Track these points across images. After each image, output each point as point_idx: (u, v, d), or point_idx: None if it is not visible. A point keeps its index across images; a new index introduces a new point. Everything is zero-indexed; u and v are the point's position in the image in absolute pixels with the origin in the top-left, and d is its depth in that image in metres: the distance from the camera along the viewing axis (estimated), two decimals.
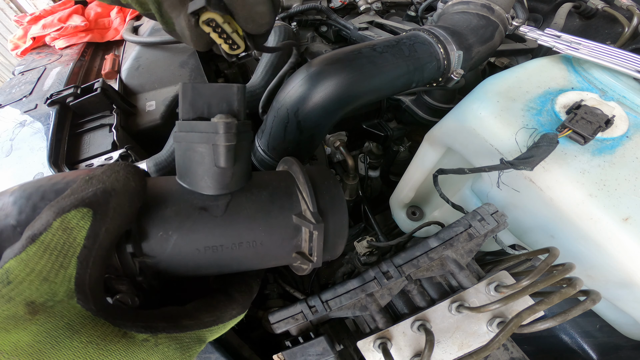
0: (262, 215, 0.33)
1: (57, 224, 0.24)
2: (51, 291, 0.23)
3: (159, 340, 0.26)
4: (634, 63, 0.49)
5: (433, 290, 0.43)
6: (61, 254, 0.24)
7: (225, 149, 0.30)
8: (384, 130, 0.88)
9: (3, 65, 4.43)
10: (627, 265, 0.40)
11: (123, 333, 0.25)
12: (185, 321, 0.29)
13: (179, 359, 0.27)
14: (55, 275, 0.23)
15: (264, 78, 0.76)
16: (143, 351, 0.25)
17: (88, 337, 0.23)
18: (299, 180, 0.36)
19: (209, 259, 0.32)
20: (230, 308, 0.33)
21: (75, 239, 0.24)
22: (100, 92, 0.68)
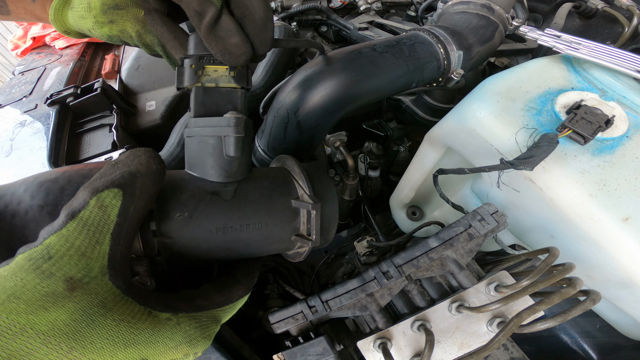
0: (265, 199, 0.37)
1: (94, 202, 0.26)
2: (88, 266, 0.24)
3: (180, 319, 0.28)
4: (634, 63, 0.49)
5: (433, 290, 0.43)
6: (97, 229, 0.25)
7: (235, 140, 0.35)
8: (384, 130, 0.88)
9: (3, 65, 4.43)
10: (627, 265, 0.40)
11: (148, 312, 0.26)
12: (199, 301, 0.31)
13: (200, 337, 0.29)
14: (92, 251, 0.25)
15: (264, 78, 0.76)
16: (167, 329, 0.27)
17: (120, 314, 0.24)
18: (295, 171, 0.41)
19: (219, 240, 0.35)
20: (236, 289, 0.35)
21: (109, 216, 0.26)
22: (100, 92, 0.68)
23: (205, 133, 0.35)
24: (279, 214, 0.38)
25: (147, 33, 0.39)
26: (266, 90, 0.74)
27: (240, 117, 0.35)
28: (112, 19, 0.38)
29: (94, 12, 0.38)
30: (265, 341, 0.69)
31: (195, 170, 0.37)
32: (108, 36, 0.40)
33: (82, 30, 0.41)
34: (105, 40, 0.41)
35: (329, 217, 0.41)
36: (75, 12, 0.40)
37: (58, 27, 0.42)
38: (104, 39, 0.41)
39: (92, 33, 0.40)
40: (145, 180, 0.29)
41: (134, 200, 0.28)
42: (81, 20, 0.40)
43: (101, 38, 0.41)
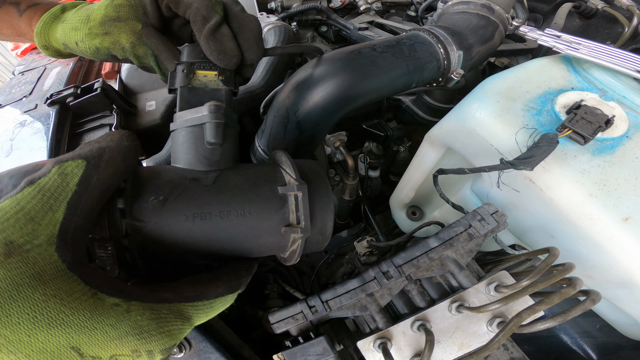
0: (248, 186, 0.36)
1: (55, 170, 0.25)
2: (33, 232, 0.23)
3: (132, 307, 0.25)
4: (634, 63, 0.49)
5: (433, 290, 0.43)
6: (53, 196, 0.24)
7: (215, 125, 0.35)
8: (384, 130, 0.88)
9: (3, 65, 4.43)
10: (627, 265, 0.40)
11: (93, 293, 0.23)
12: (164, 293, 0.28)
13: (155, 331, 0.25)
14: (42, 217, 0.23)
15: (264, 78, 0.76)
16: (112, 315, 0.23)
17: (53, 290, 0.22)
18: (282, 160, 0.39)
19: (197, 229, 0.33)
20: (215, 285, 0.32)
21: (69, 184, 0.25)
22: (100, 92, 0.68)
23: (187, 124, 0.37)
24: (263, 202, 0.35)
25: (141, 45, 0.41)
26: (266, 90, 0.74)
27: (219, 105, 0.36)
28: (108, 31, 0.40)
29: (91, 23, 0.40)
30: (265, 341, 0.69)
31: (178, 162, 0.37)
32: (96, 48, 0.41)
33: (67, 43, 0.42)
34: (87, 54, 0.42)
35: (322, 203, 0.38)
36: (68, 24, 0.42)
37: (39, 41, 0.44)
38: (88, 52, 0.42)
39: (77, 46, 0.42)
40: (114, 153, 0.29)
41: (97, 171, 0.27)
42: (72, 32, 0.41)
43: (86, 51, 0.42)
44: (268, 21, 0.92)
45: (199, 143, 0.36)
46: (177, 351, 0.46)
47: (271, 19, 0.93)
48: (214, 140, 0.35)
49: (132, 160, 0.31)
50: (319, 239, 0.39)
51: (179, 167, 0.37)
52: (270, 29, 0.88)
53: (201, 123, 0.36)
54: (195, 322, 0.30)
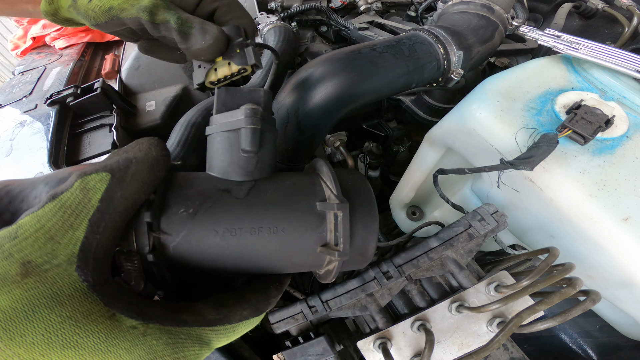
0: (283, 200, 0.33)
1: (77, 184, 0.24)
2: (53, 252, 0.22)
3: (149, 331, 0.24)
4: (634, 63, 0.49)
5: (433, 290, 0.43)
6: (74, 213, 0.23)
7: (250, 131, 0.33)
8: (384, 130, 0.88)
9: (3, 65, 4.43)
10: (627, 265, 0.40)
11: (111, 314, 0.23)
12: (185, 316, 0.26)
13: (170, 356, 0.24)
14: (62, 235, 0.22)
15: (264, 78, 0.76)
16: (127, 339, 0.22)
17: (70, 311, 0.21)
18: (322, 170, 0.36)
19: (226, 244, 0.31)
20: (240, 308, 0.30)
21: (91, 200, 0.24)
22: (100, 92, 0.68)
23: (222, 128, 0.34)
24: (299, 218, 0.33)
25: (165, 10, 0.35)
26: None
27: (255, 108, 0.33)
28: None
29: None
30: (265, 341, 0.69)
31: (213, 170, 0.35)
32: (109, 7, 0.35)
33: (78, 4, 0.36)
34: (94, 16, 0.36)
35: (365, 222, 0.34)
36: None
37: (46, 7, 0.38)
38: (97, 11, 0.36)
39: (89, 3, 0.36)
40: (141, 166, 0.27)
41: (122, 186, 0.25)
42: None
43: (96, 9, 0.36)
44: (268, 21, 0.92)
45: (233, 150, 0.33)
46: None
47: (271, 19, 0.93)
48: (249, 147, 0.33)
49: (160, 172, 0.29)
50: (359, 260, 0.36)
51: (212, 175, 0.35)
52: (270, 29, 0.88)
53: (236, 128, 0.33)
54: (215, 346, 0.28)
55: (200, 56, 0.37)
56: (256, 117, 0.33)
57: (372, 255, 0.36)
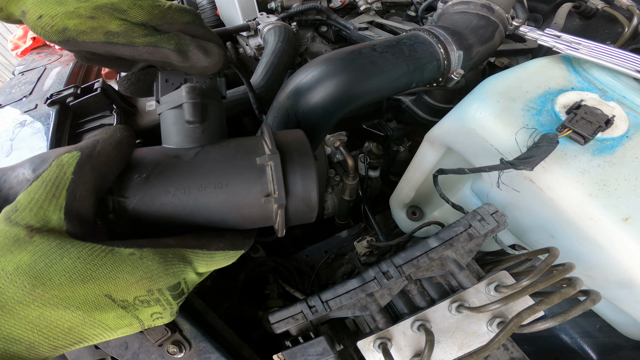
0: (227, 159, 0.37)
1: (54, 163, 0.29)
2: (45, 217, 0.27)
3: (144, 254, 0.30)
4: (634, 63, 0.49)
5: (433, 290, 0.43)
6: (54, 185, 0.28)
7: (191, 105, 0.37)
8: (384, 130, 0.88)
9: (3, 65, 4.43)
10: (627, 265, 0.40)
11: (110, 249, 0.28)
12: (170, 241, 0.33)
13: (162, 272, 0.30)
14: (49, 204, 0.28)
15: (264, 78, 0.76)
16: (128, 263, 0.29)
17: (77, 254, 0.27)
18: (264, 131, 0.40)
19: (179, 202, 0.35)
20: (217, 240, 0.36)
21: (65, 173, 0.29)
22: (100, 92, 0.68)
23: (169, 105, 0.38)
24: (241, 173, 0.36)
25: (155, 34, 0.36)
26: (266, 90, 0.74)
27: (193, 85, 0.38)
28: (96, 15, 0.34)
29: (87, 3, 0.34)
30: (265, 341, 0.69)
31: (166, 142, 0.39)
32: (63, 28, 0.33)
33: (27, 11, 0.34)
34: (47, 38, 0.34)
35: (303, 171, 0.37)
36: None
37: None
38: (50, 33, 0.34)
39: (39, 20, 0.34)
40: (106, 144, 0.32)
41: (90, 159, 0.30)
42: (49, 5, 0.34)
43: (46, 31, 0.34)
44: (268, 21, 0.92)
45: (179, 122, 0.38)
46: (177, 351, 0.46)
47: (271, 19, 0.93)
48: (192, 118, 0.37)
49: (125, 149, 0.34)
50: (305, 209, 0.39)
51: (166, 146, 0.39)
52: (270, 29, 0.89)
53: (179, 104, 0.37)
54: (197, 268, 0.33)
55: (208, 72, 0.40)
56: (194, 93, 0.37)
57: (317, 205, 0.39)
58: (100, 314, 0.28)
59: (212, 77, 0.42)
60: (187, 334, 0.48)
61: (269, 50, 0.82)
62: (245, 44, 0.98)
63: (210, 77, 0.42)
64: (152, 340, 0.46)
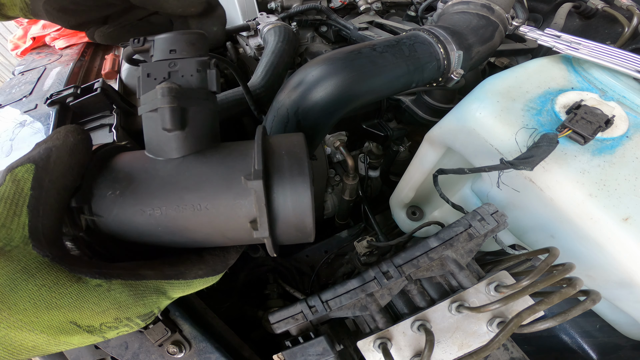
0: (209, 175, 0.32)
1: (9, 178, 0.27)
2: (8, 236, 0.26)
3: (112, 286, 0.28)
4: (634, 63, 0.49)
5: (433, 290, 0.43)
6: (13, 202, 0.26)
7: (168, 110, 0.31)
8: (384, 130, 0.88)
9: (3, 65, 4.43)
10: (627, 265, 0.40)
11: (77, 278, 0.27)
12: (143, 271, 0.30)
13: (133, 306, 0.29)
14: (10, 222, 0.26)
15: (264, 78, 0.76)
16: (94, 295, 0.27)
17: (42, 280, 0.25)
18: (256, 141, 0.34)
19: (155, 222, 0.31)
20: (196, 267, 0.33)
21: (23, 189, 0.27)
22: (100, 92, 0.68)
23: (147, 108, 0.33)
24: (224, 193, 0.31)
25: None
26: (266, 90, 0.74)
27: (169, 87, 0.31)
28: None
29: None
30: (265, 341, 0.69)
31: (147, 149, 0.35)
32: None
33: None
34: None
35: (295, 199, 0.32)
36: None
37: None
38: None
39: None
40: (61, 152, 0.30)
41: (47, 172, 0.28)
42: None
43: None
44: (268, 21, 0.92)
45: (158, 129, 0.33)
46: (177, 351, 0.46)
47: (271, 19, 0.93)
48: (169, 126, 0.32)
49: (81, 155, 0.31)
50: (298, 235, 0.34)
51: (145, 154, 0.35)
52: (270, 29, 0.88)
53: (155, 108, 0.32)
54: (172, 296, 0.32)
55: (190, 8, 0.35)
56: (171, 96, 0.31)
57: (312, 229, 0.33)
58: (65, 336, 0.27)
59: (199, 70, 0.35)
60: (187, 334, 0.48)
61: (269, 50, 0.82)
62: (245, 44, 0.98)
63: (198, 69, 0.35)
64: (152, 340, 0.46)
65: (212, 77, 0.36)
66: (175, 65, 0.34)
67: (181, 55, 0.35)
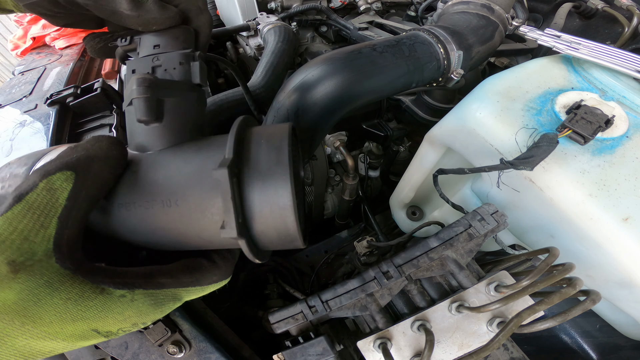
0: (180, 168, 0.30)
1: (43, 185, 0.25)
2: (30, 250, 0.24)
3: (136, 296, 0.28)
4: (634, 63, 0.49)
5: (433, 290, 0.43)
6: (43, 213, 0.25)
7: (141, 101, 0.30)
8: (384, 130, 0.88)
9: (3, 65, 4.43)
10: (627, 265, 0.40)
11: (101, 289, 0.26)
12: (163, 279, 0.30)
13: (152, 313, 0.29)
14: (35, 235, 0.24)
15: (264, 78, 0.76)
16: (119, 306, 0.27)
17: (67, 294, 0.25)
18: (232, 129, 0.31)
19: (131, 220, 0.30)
20: (211, 274, 0.33)
21: (58, 199, 0.25)
22: (100, 92, 0.68)
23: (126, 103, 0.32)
24: (193, 188, 0.29)
25: None
26: (266, 90, 0.74)
27: (143, 77, 0.30)
28: None
29: None
30: (265, 341, 0.69)
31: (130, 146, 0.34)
32: None
33: None
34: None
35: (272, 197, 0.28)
36: None
37: None
38: None
39: None
40: (102, 165, 0.28)
41: (86, 184, 0.27)
42: None
43: None
44: (268, 21, 0.92)
45: (134, 122, 0.32)
46: (177, 351, 0.46)
47: (271, 19, 0.93)
48: (143, 117, 0.30)
49: (119, 170, 0.30)
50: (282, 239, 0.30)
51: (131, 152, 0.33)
52: (270, 29, 0.89)
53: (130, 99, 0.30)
54: (185, 300, 0.32)
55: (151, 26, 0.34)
56: (144, 86, 0.30)
57: (297, 232, 0.30)
58: (84, 341, 0.27)
59: (182, 62, 0.34)
60: (187, 334, 0.48)
61: (269, 50, 0.82)
62: (245, 44, 0.98)
63: (180, 62, 0.34)
64: (152, 340, 0.46)
65: (195, 69, 0.34)
66: (158, 59, 0.34)
67: (164, 50, 0.34)
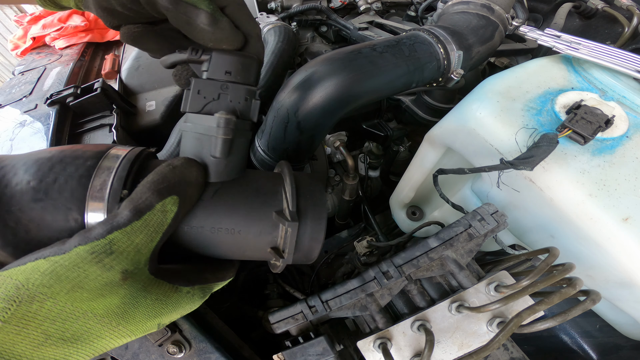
0: (244, 206, 0.36)
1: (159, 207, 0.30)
2: (138, 260, 0.29)
3: (194, 291, 0.34)
4: (634, 63, 0.49)
5: (433, 290, 0.43)
6: (154, 230, 0.29)
7: (222, 141, 0.34)
8: (384, 130, 0.88)
9: (3, 65, 4.43)
10: (627, 265, 0.40)
11: (175, 288, 0.32)
12: (207, 275, 0.37)
13: (198, 303, 0.35)
14: (144, 247, 0.29)
15: (264, 78, 0.76)
16: (185, 300, 0.33)
17: (155, 295, 0.31)
18: (286, 181, 0.38)
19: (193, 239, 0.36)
20: (230, 272, 0.40)
21: (167, 219, 0.30)
22: (100, 92, 0.68)
23: (196, 130, 0.35)
24: (256, 223, 0.36)
25: None
26: (266, 90, 0.74)
27: (229, 119, 0.33)
28: None
29: None
30: (265, 341, 0.69)
31: None
32: None
33: None
34: None
35: (313, 236, 0.38)
36: None
37: None
38: None
39: None
40: (194, 190, 0.34)
41: (184, 207, 0.32)
42: None
43: None
44: (268, 21, 0.92)
45: (204, 153, 0.35)
46: (177, 351, 0.46)
47: (271, 19, 0.93)
48: (219, 155, 0.34)
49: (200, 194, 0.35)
50: (303, 260, 0.40)
51: None
52: (270, 29, 0.88)
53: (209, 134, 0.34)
54: None
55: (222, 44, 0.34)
56: (228, 128, 0.33)
57: (315, 258, 0.40)
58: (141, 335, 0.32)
59: (247, 98, 0.36)
60: (187, 334, 0.48)
61: (269, 50, 0.82)
62: None
63: (246, 98, 0.36)
64: (152, 340, 0.46)
65: (255, 108, 0.37)
66: (227, 88, 0.35)
67: (235, 78, 0.35)
